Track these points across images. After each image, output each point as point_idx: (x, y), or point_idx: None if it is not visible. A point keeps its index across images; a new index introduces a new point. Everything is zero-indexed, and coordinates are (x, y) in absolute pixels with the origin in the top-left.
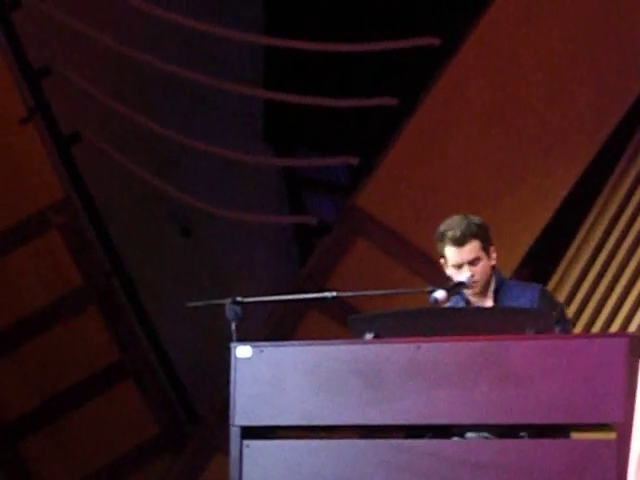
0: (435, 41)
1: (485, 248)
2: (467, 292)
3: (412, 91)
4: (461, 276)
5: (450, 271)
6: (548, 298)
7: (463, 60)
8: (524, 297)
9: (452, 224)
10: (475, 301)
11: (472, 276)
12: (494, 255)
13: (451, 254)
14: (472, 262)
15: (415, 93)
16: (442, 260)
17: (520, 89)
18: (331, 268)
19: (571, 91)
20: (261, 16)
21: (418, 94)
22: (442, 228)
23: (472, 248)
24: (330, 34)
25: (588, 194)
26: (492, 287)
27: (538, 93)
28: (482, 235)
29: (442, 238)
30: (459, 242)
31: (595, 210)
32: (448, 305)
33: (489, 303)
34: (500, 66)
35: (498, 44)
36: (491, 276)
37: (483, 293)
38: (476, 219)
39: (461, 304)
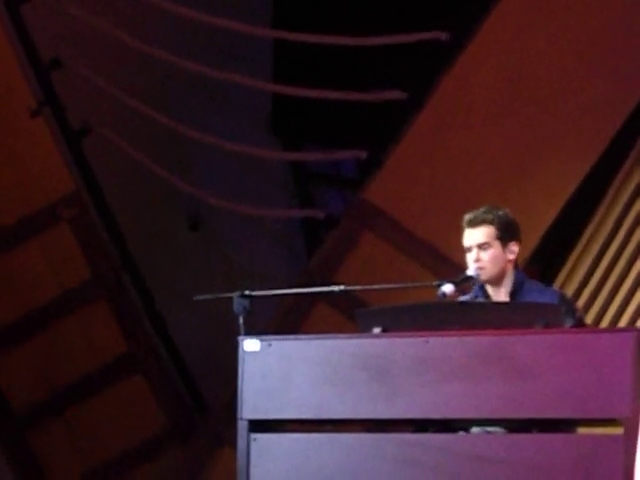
0: (444, 35)
1: (501, 238)
2: (481, 282)
3: (421, 85)
4: (469, 269)
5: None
6: (567, 304)
7: (472, 54)
8: (542, 300)
9: (474, 211)
10: (494, 295)
11: (477, 260)
12: (513, 249)
13: (464, 235)
14: (481, 246)
15: (424, 87)
16: None
17: (530, 82)
18: (339, 262)
19: (582, 84)
20: (270, 9)
21: (427, 88)
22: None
23: (484, 232)
24: (339, 28)
25: (597, 188)
26: (509, 284)
27: (548, 86)
28: (500, 224)
29: (463, 221)
30: (472, 224)
31: (604, 205)
32: (468, 297)
33: (503, 298)
34: (510, 59)
35: (508, 37)
36: (504, 269)
37: (497, 284)
38: (502, 211)
39: (480, 298)
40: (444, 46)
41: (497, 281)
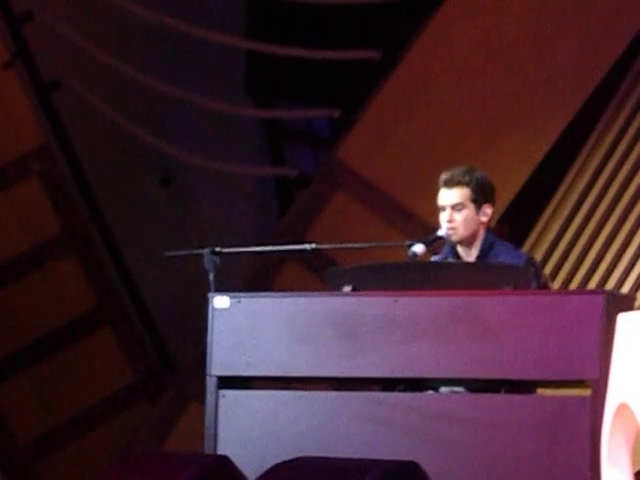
0: None
1: (475, 200)
2: (452, 242)
3: (395, 44)
4: (442, 229)
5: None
6: (534, 268)
7: (447, 14)
8: (509, 262)
9: (452, 170)
10: (464, 255)
11: (450, 221)
12: (486, 212)
13: (440, 194)
14: (455, 207)
15: (398, 46)
16: None
17: (503, 44)
18: (310, 220)
19: (554, 46)
20: None
21: (401, 47)
22: (443, 173)
23: (459, 193)
24: None
25: (568, 151)
26: (480, 245)
27: (521, 48)
28: (475, 187)
29: (439, 181)
30: (448, 184)
31: (575, 168)
32: (439, 258)
33: (473, 259)
34: (484, 20)
35: None
36: (476, 231)
37: (468, 245)
38: (479, 173)
39: (450, 258)
40: (419, 5)
41: (468, 242)
